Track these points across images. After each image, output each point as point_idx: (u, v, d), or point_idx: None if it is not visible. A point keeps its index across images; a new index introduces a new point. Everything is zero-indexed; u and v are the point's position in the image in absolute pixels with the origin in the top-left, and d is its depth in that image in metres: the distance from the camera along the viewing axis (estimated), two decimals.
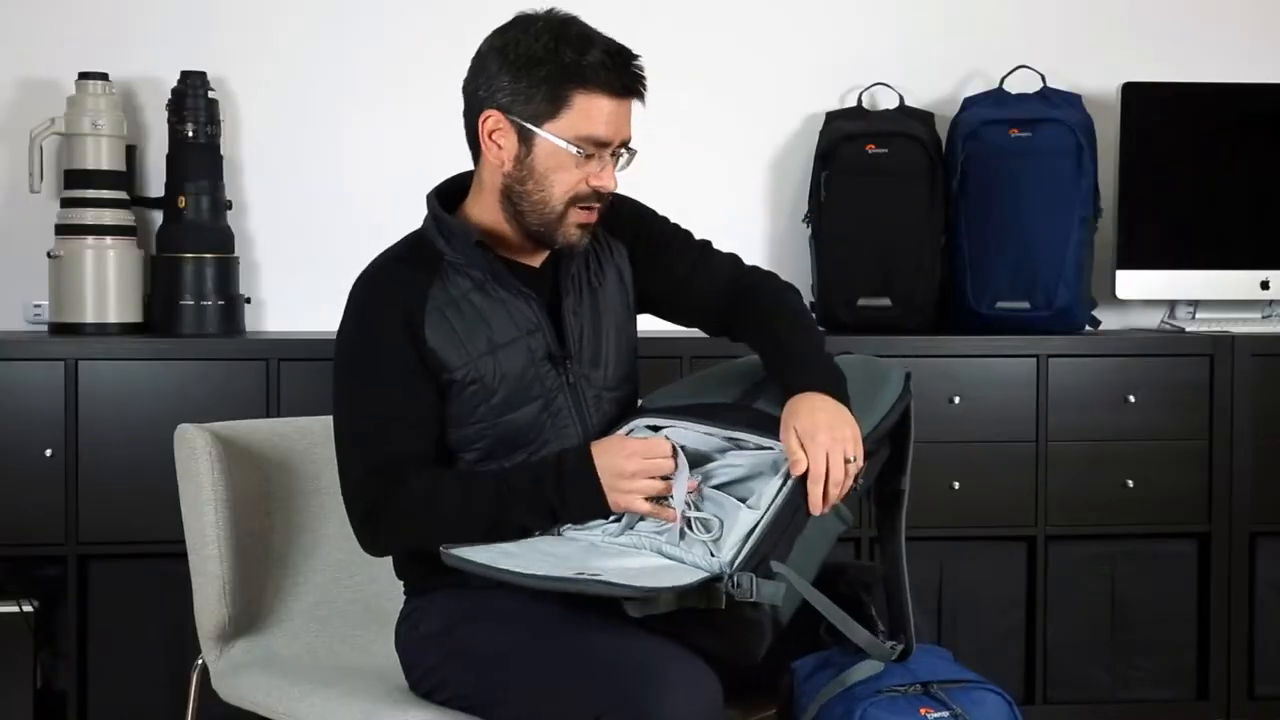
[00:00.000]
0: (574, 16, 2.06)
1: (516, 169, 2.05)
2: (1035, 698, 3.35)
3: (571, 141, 2.02)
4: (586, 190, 2.05)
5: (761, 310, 2.18)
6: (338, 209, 3.55)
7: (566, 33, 2.03)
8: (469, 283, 2.08)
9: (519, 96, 2.02)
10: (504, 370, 2.07)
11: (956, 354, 3.34)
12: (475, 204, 2.13)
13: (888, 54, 3.70)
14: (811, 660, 1.98)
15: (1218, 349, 3.38)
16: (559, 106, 2.02)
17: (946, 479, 3.29)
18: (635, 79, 2.05)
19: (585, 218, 2.08)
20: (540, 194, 2.05)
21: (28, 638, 3.10)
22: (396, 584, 2.21)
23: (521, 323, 2.08)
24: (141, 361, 3.13)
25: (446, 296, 2.07)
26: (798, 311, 2.20)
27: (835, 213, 3.48)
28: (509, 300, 2.08)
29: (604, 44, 2.03)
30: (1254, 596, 3.41)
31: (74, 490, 3.07)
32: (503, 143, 2.05)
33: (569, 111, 2.02)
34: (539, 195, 2.05)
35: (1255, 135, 3.64)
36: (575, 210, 2.06)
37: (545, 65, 2.01)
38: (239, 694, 2.25)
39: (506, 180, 2.07)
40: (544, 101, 2.02)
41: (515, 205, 2.07)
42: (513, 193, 2.07)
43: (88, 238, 3.27)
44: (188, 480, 2.31)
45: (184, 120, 3.32)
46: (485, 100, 2.06)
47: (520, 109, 2.03)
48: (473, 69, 2.09)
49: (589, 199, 2.06)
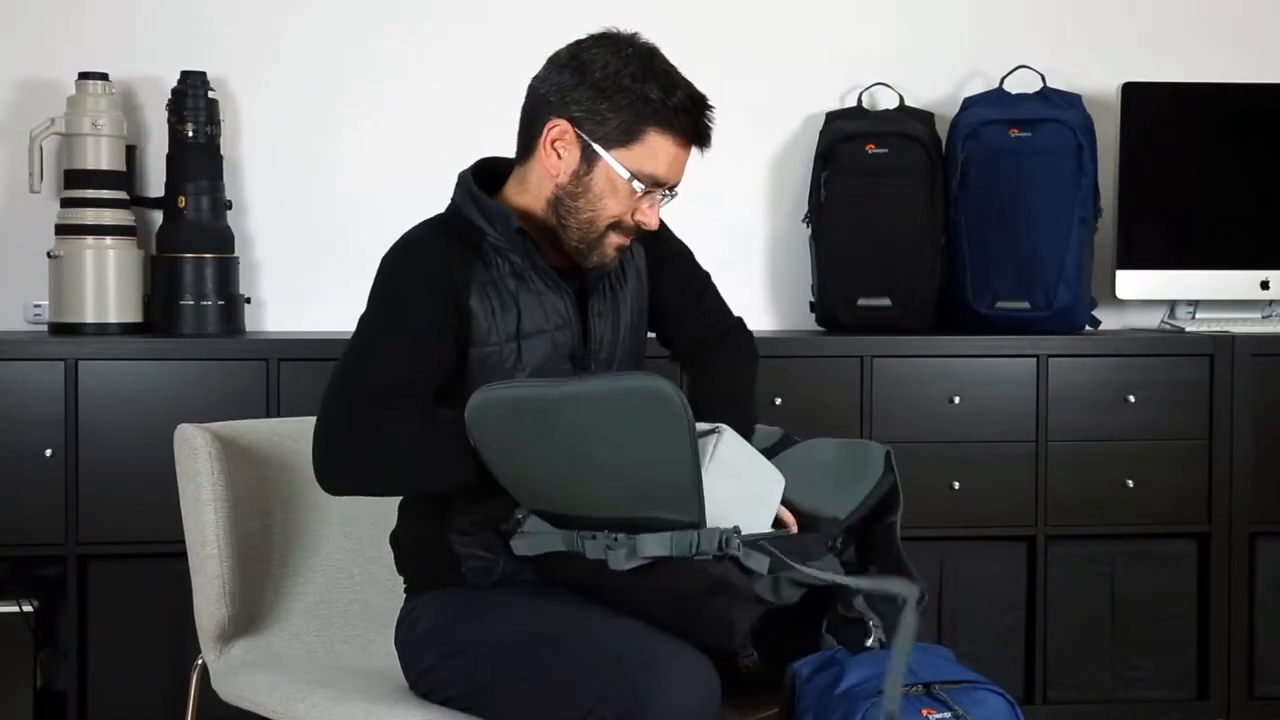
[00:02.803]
0: (657, 49, 2.08)
1: (572, 183, 2.06)
2: (1035, 698, 3.35)
3: (634, 174, 2.04)
4: (630, 222, 2.07)
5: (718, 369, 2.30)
6: (338, 209, 3.55)
7: (653, 66, 2.04)
8: (508, 266, 2.08)
9: (594, 117, 2.03)
10: (525, 360, 2.06)
11: (956, 354, 3.34)
12: (518, 195, 2.12)
13: (888, 54, 3.70)
14: (812, 661, 1.98)
15: (1218, 349, 3.38)
16: (632, 139, 2.03)
17: (946, 479, 3.30)
18: (706, 130, 2.08)
19: (621, 242, 2.10)
20: (589, 213, 2.06)
21: (28, 638, 3.11)
22: (397, 584, 2.21)
23: (552, 317, 2.09)
24: (141, 361, 3.13)
25: (487, 276, 2.06)
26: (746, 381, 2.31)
27: (835, 213, 3.48)
28: (544, 293, 2.08)
29: (687, 88, 2.06)
30: (1254, 596, 3.41)
31: (74, 490, 3.07)
32: (564, 154, 2.05)
33: (640, 146, 2.03)
34: (587, 214, 2.06)
35: (1255, 135, 3.64)
36: (614, 234, 2.08)
37: (629, 95, 2.02)
38: (239, 694, 2.25)
39: (558, 191, 2.07)
40: (619, 129, 2.03)
41: (561, 217, 2.08)
42: (562, 205, 2.07)
43: (88, 238, 3.27)
44: (188, 480, 2.31)
45: (184, 120, 3.32)
46: (556, 108, 2.05)
47: (591, 128, 2.03)
48: (547, 71, 2.08)
49: (629, 230, 2.08)
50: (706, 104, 2.08)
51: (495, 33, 3.55)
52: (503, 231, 2.08)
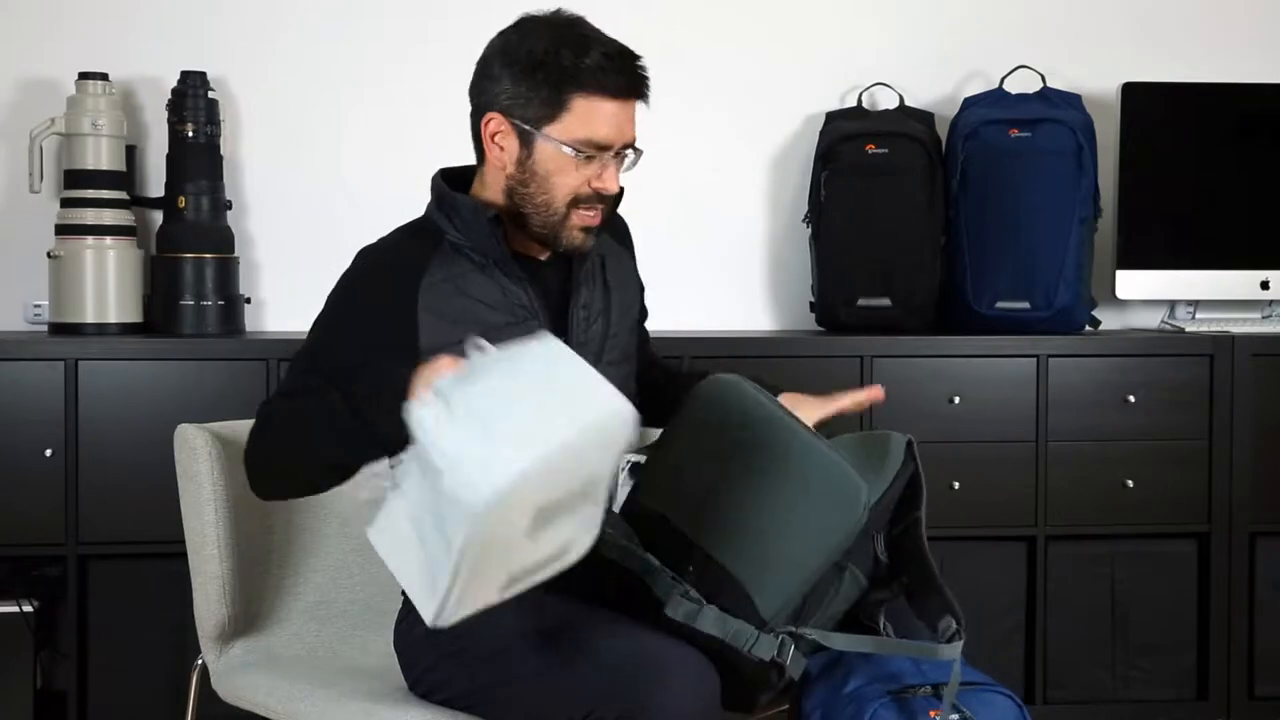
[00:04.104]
0: (579, 18, 2.06)
1: (519, 171, 2.05)
2: (1035, 698, 3.35)
3: (571, 144, 2.02)
4: (588, 192, 2.05)
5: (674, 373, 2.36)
6: (338, 209, 3.55)
7: (567, 35, 2.02)
8: (469, 264, 2.07)
9: (519, 99, 2.02)
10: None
11: (956, 354, 3.34)
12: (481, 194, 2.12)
13: (888, 54, 3.70)
14: (822, 659, 1.98)
15: (1218, 349, 3.38)
16: (558, 110, 2.01)
17: (946, 479, 3.29)
18: (636, 80, 2.04)
19: (588, 220, 2.07)
20: (543, 196, 2.05)
21: (28, 638, 3.11)
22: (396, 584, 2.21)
23: (517, 310, 2.07)
24: (141, 361, 3.13)
25: (444, 274, 2.05)
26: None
27: (835, 213, 3.48)
28: (507, 286, 2.08)
29: (604, 46, 2.02)
30: (1254, 596, 3.41)
31: (74, 490, 3.07)
32: (505, 145, 2.05)
33: (568, 115, 2.01)
34: (542, 198, 2.05)
35: (1255, 135, 3.64)
36: (578, 212, 2.06)
37: (544, 68, 2.00)
38: (239, 694, 2.25)
39: (510, 182, 2.07)
40: (544, 105, 2.01)
41: (519, 207, 2.07)
42: (516, 194, 2.07)
43: (88, 238, 3.27)
44: (188, 480, 2.31)
45: (184, 120, 3.32)
46: (488, 103, 2.06)
47: (521, 112, 2.03)
48: (477, 71, 2.09)
49: (591, 201, 2.06)
50: (629, 56, 2.04)
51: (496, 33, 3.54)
52: (464, 228, 2.07)
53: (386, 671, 2.20)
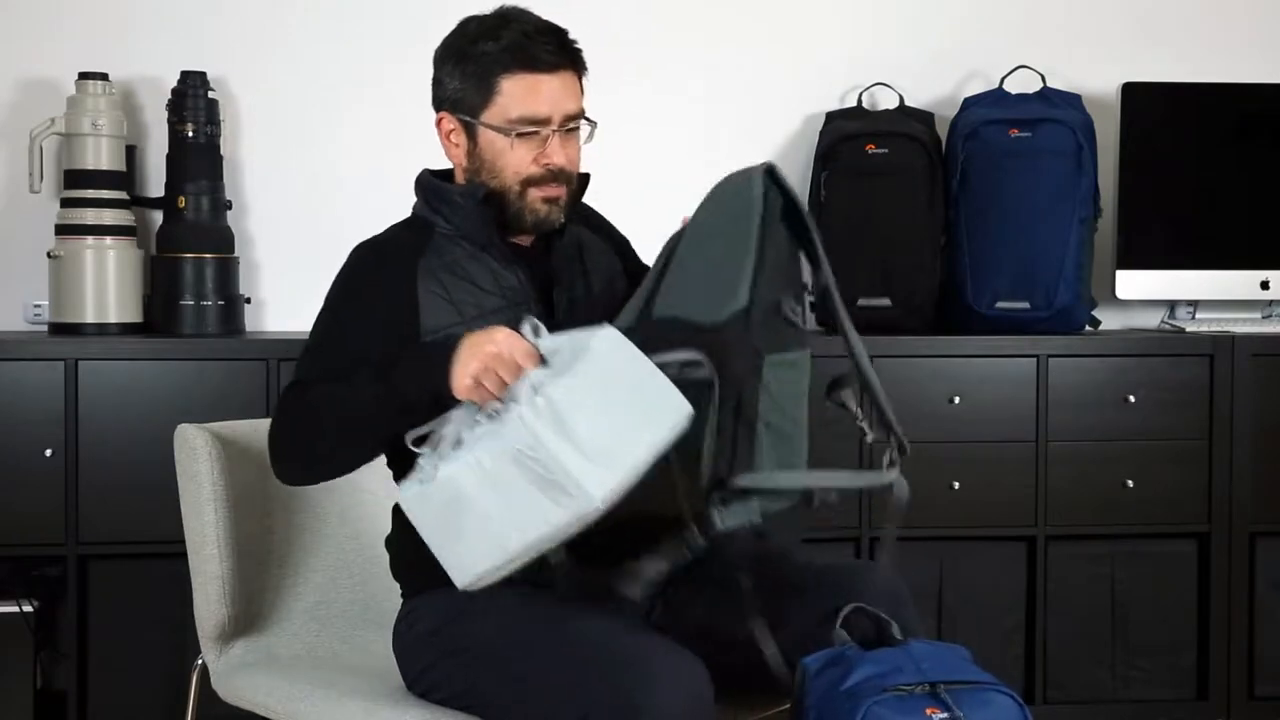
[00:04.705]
0: (512, 8, 2.10)
1: (471, 162, 2.11)
2: (1035, 698, 3.35)
3: (506, 125, 2.06)
4: (538, 170, 2.08)
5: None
6: (338, 209, 3.55)
7: (490, 23, 2.08)
8: (460, 250, 2.10)
9: (456, 94, 2.09)
10: None
11: (956, 354, 3.34)
12: None
13: (888, 54, 3.70)
14: (821, 657, 1.98)
15: (1218, 349, 3.38)
16: (489, 94, 2.06)
17: (946, 479, 3.29)
18: (559, 52, 2.07)
19: (546, 194, 2.10)
20: (495, 179, 2.09)
21: (28, 638, 3.11)
22: (396, 584, 2.21)
23: (509, 293, 2.10)
24: (141, 361, 3.13)
25: (439, 261, 2.09)
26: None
27: (835, 213, 3.48)
28: (498, 271, 2.10)
29: (524, 25, 2.06)
30: (1254, 596, 3.41)
31: (74, 490, 3.07)
32: (458, 141, 2.11)
33: (500, 97, 2.06)
34: (495, 181, 2.09)
35: (1255, 135, 3.64)
36: (532, 190, 2.09)
37: (470, 58, 2.06)
38: (239, 694, 2.25)
39: (467, 174, 2.12)
40: (476, 93, 2.07)
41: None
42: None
43: (88, 238, 3.27)
44: (188, 480, 2.31)
45: (184, 120, 3.32)
46: (438, 103, 2.13)
47: (461, 105, 2.08)
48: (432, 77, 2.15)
49: (544, 180, 2.09)
50: (553, 30, 2.07)
51: None
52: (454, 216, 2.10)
53: (386, 671, 2.19)
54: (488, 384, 1.84)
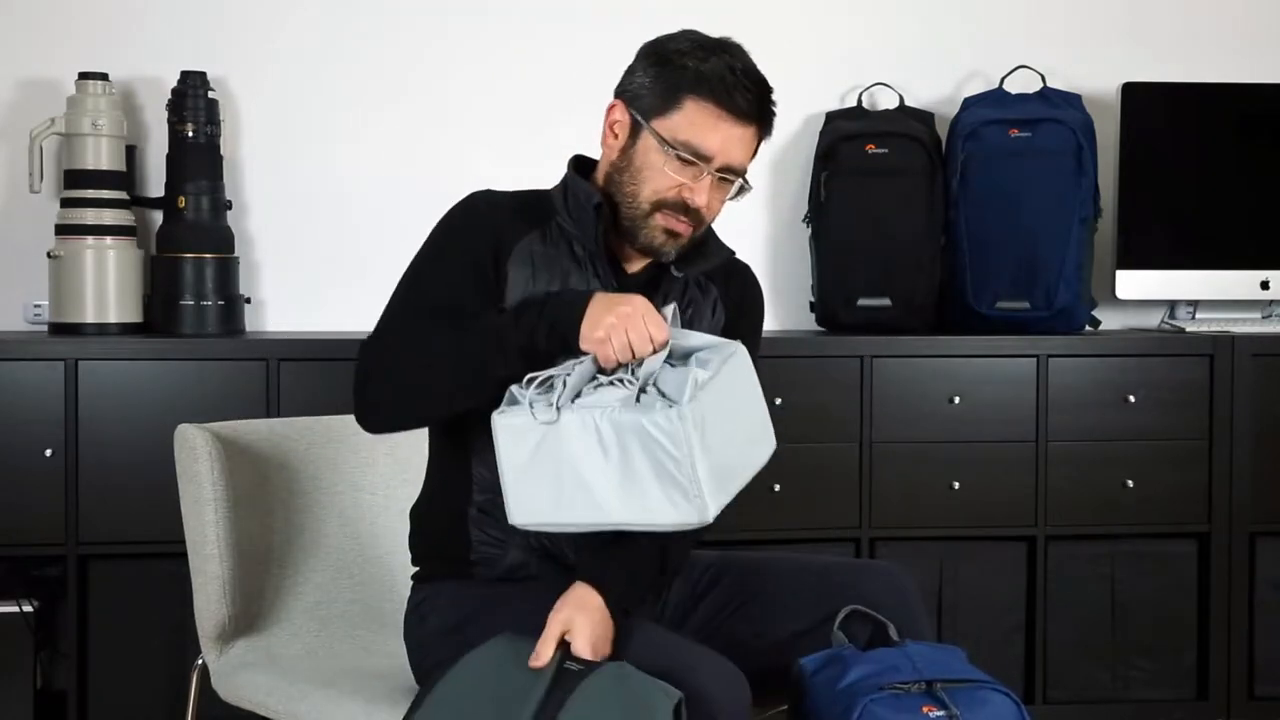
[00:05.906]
0: (733, 41, 2.08)
1: (621, 159, 2.06)
2: (1035, 698, 3.35)
3: (671, 143, 2.01)
4: (675, 197, 2.03)
5: None
6: (338, 209, 3.55)
7: (706, 43, 2.05)
8: (566, 247, 2.07)
9: (641, 90, 2.04)
10: None
11: (956, 354, 3.34)
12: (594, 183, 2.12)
13: (888, 54, 3.70)
14: (819, 658, 1.99)
15: (1218, 349, 3.38)
16: (670, 106, 2.02)
17: (946, 479, 3.30)
18: (754, 104, 2.03)
19: (671, 225, 2.04)
20: (632, 186, 2.04)
21: (28, 638, 3.11)
22: (396, 584, 2.21)
23: None
24: (141, 361, 3.13)
25: (541, 247, 2.06)
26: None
27: (835, 213, 3.48)
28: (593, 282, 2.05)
29: (735, 61, 2.03)
30: (1254, 596, 3.41)
31: (74, 490, 3.07)
32: (619, 132, 2.07)
33: (678, 113, 2.01)
34: (630, 188, 2.04)
35: (1255, 135, 3.64)
36: (661, 214, 2.04)
37: (670, 66, 2.03)
38: (239, 694, 2.25)
39: (611, 169, 2.07)
40: (658, 98, 2.02)
41: (613, 196, 2.06)
42: (612, 181, 2.07)
43: (88, 238, 3.27)
44: (188, 480, 2.31)
45: (184, 120, 3.32)
46: (619, 90, 2.08)
47: (638, 102, 2.04)
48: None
49: (676, 207, 2.03)
50: (759, 81, 2.05)
51: (496, 33, 3.54)
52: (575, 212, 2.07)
53: (386, 671, 2.20)
54: (615, 341, 1.85)
